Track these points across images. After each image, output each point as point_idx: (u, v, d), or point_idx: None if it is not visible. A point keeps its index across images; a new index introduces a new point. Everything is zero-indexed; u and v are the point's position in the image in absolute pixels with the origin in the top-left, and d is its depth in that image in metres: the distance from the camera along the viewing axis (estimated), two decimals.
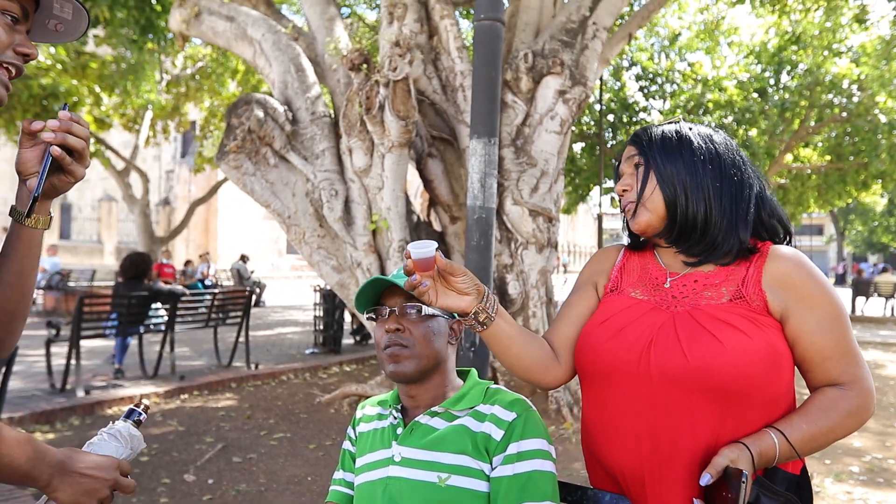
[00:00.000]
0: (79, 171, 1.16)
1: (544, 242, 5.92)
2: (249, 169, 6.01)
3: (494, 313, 1.31)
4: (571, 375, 1.46)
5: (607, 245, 1.60)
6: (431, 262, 1.23)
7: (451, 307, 1.29)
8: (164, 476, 4.34)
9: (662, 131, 1.38)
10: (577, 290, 1.52)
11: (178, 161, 31.90)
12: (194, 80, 14.56)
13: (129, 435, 1.20)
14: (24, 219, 1.16)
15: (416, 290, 1.24)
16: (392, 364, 1.45)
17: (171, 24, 7.48)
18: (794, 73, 14.29)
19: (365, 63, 5.66)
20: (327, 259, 6.18)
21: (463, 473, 1.36)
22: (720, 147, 1.35)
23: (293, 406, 6.35)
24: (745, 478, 1.11)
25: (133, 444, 1.20)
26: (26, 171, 1.15)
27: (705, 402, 1.22)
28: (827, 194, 16.34)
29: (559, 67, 5.84)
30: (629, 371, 1.28)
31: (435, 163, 6.52)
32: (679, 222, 1.33)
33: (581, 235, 48.98)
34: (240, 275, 17.44)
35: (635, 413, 1.27)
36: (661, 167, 1.33)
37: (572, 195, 16.27)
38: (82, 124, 1.14)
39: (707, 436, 1.22)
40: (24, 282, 1.20)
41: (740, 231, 1.31)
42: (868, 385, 1.26)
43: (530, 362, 1.39)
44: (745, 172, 1.35)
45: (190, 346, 9.66)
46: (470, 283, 1.28)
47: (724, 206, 1.31)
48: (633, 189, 1.37)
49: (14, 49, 1.10)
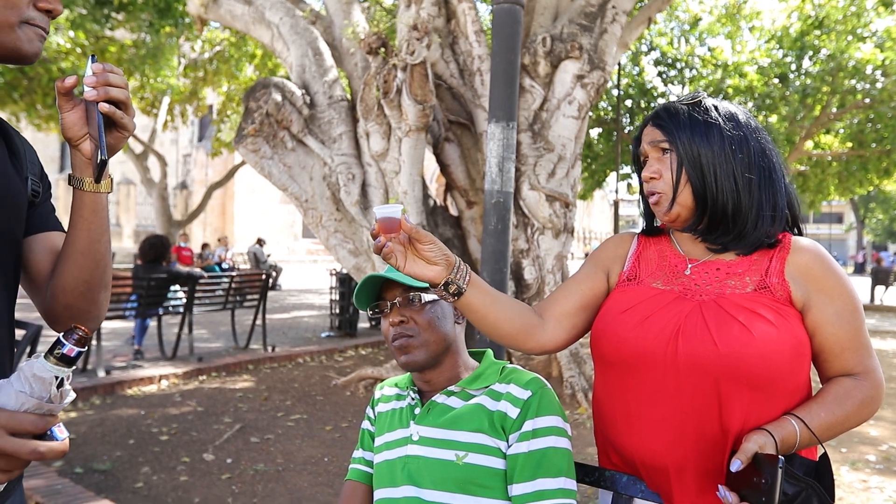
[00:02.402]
0: (130, 124, 1.09)
1: (561, 228, 5.91)
2: (267, 153, 6.04)
3: (466, 284, 1.29)
4: (559, 344, 1.43)
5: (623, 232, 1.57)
6: (396, 223, 1.21)
7: (418, 275, 1.26)
8: (183, 455, 4.41)
9: (689, 114, 1.33)
10: (586, 269, 1.49)
11: (195, 145, 32.11)
12: (212, 65, 14.61)
13: (32, 375, 0.86)
14: (90, 185, 1.10)
15: (381, 252, 1.23)
16: (403, 355, 1.47)
17: (189, 7, 7.50)
18: (816, 59, 14.06)
19: (383, 47, 5.65)
20: (344, 243, 6.21)
21: (480, 451, 1.37)
22: (747, 131, 1.32)
23: (309, 388, 6.41)
24: (782, 464, 1.11)
25: (38, 388, 0.86)
26: (75, 135, 1.08)
27: (734, 391, 1.22)
28: (848, 182, 16.13)
29: (577, 52, 5.80)
30: (655, 360, 1.27)
31: (452, 147, 6.51)
32: (709, 214, 1.30)
33: (597, 221, 48.77)
34: (256, 258, 17.56)
35: (661, 402, 1.26)
36: (691, 156, 1.29)
37: (589, 181, 16.19)
38: (117, 73, 1.06)
39: (734, 424, 1.22)
40: (95, 248, 1.13)
41: (770, 221, 1.30)
42: (879, 376, 1.29)
43: (508, 330, 1.36)
44: (772, 155, 1.33)
45: (208, 329, 9.76)
46: (438, 252, 1.25)
47: (752, 195, 1.29)
48: (661, 177, 1.33)
49: (35, 5, 1.05)
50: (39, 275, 1.18)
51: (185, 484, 3.92)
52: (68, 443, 0.92)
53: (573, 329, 1.43)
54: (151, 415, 5.33)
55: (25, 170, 1.16)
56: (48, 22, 1.09)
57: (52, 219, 1.23)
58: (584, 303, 1.44)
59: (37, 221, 1.19)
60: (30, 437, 0.86)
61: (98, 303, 1.18)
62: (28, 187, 1.16)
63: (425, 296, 1.47)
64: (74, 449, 4.45)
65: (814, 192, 16.60)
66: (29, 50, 1.06)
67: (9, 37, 1.04)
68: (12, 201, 1.10)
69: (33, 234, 1.18)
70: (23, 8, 1.04)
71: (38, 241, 1.18)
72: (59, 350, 0.86)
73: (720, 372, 1.21)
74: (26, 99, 11.87)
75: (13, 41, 1.04)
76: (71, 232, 1.14)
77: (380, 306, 1.51)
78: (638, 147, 1.40)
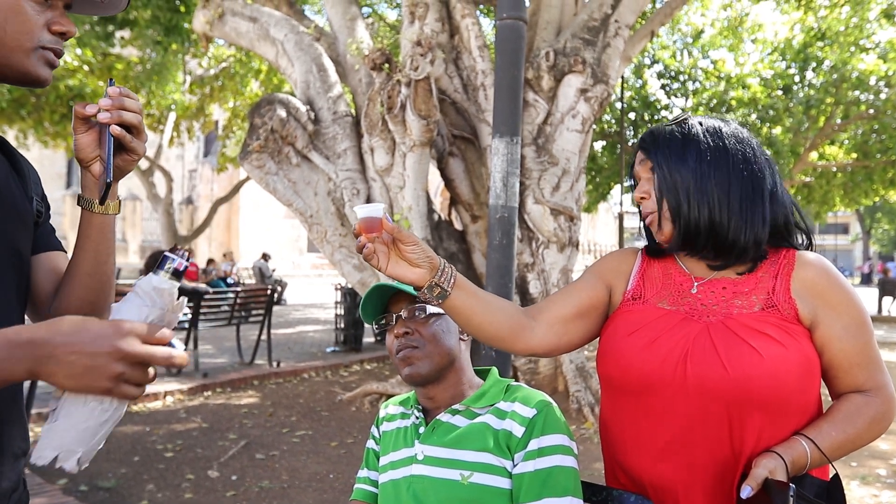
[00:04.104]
0: (140, 148, 1.11)
1: (565, 241, 5.91)
2: (272, 168, 6.06)
3: (451, 287, 1.26)
4: (547, 348, 1.39)
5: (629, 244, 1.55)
6: (378, 223, 1.20)
7: (401, 277, 1.24)
8: (188, 472, 4.39)
9: (667, 134, 1.33)
10: (586, 278, 1.47)
11: (200, 160, 32.29)
12: (218, 81, 14.71)
13: (152, 289, 0.92)
14: (95, 206, 1.12)
15: (363, 252, 1.22)
16: (406, 367, 1.46)
17: (195, 25, 7.56)
18: (819, 70, 14.08)
19: (386, 62, 5.68)
20: (349, 258, 6.22)
21: (485, 471, 1.36)
22: (729, 141, 1.30)
23: (314, 404, 6.39)
24: (794, 492, 1.09)
25: (160, 299, 0.92)
26: (86, 157, 1.11)
27: (744, 413, 1.20)
28: (853, 192, 16.09)
29: (581, 66, 5.82)
30: (664, 383, 1.25)
31: (456, 161, 6.52)
32: (682, 230, 1.30)
33: (602, 234, 48.71)
34: (261, 273, 17.59)
35: (670, 425, 1.25)
36: (665, 175, 1.30)
37: (593, 194, 16.20)
38: (133, 98, 1.08)
39: (745, 446, 1.21)
40: (102, 270, 1.15)
41: (756, 228, 1.27)
42: (891, 391, 1.27)
43: (495, 331, 1.33)
44: (756, 166, 1.30)
45: (213, 344, 9.76)
46: (421, 254, 1.23)
47: (732, 205, 1.27)
48: (650, 197, 1.34)
49: (49, 28, 1.07)
50: (41, 295, 1.18)
51: (189, 501, 3.91)
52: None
53: (565, 335, 1.40)
54: (156, 431, 5.32)
55: (30, 190, 1.17)
56: (61, 44, 1.10)
57: (52, 239, 1.24)
58: (580, 310, 1.41)
59: (39, 241, 1.19)
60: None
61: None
62: (33, 208, 1.16)
63: (430, 308, 1.47)
64: None
65: (819, 203, 16.56)
66: (42, 74, 1.08)
67: (24, 61, 1.05)
68: (23, 221, 1.11)
69: (35, 253, 1.18)
70: (37, 32, 1.06)
71: (40, 261, 1.19)
72: (171, 265, 0.93)
73: (730, 395, 1.20)
74: (34, 116, 11.96)
75: (29, 66, 1.06)
76: (77, 253, 1.15)
77: (385, 319, 1.52)
78: (632, 169, 1.42)
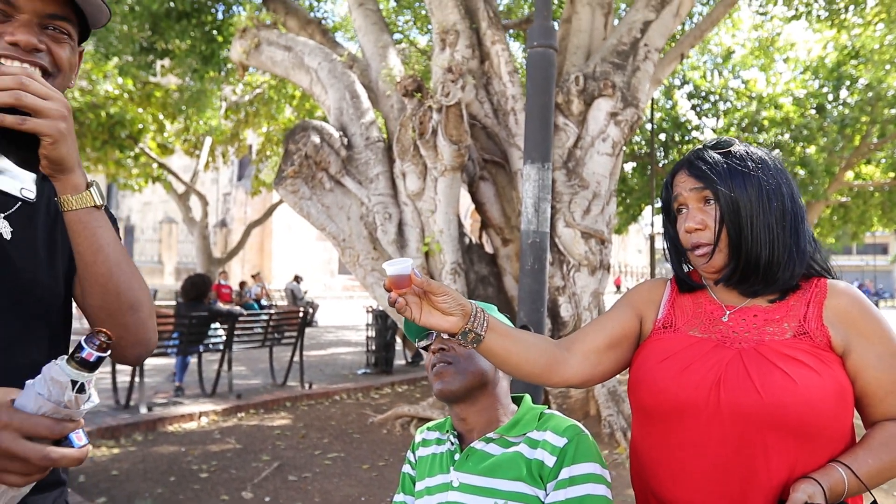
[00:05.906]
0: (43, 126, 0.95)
1: (597, 264, 5.90)
2: (306, 193, 6.18)
3: (484, 331, 1.28)
4: (583, 379, 1.42)
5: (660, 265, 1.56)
6: (406, 280, 1.22)
7: (435, 326, 1.26)
8: (222, 493, 4.46)
9: (727, 163, 1.32)
10: (618, 308, 1.49)
11: (234, 184, 32.87)
12: (252, 107, 15.04)
13: (49, 378, 0.84)
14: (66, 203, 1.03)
15: (395, 306, 1.24)
16: (438, 381, 1.50)
17: (232, 54, 7.78)
18: (853, 89, 13.91)
19: (418, 89, 5.78)
20: (381, 281, 6.28)
21: (519, 500, 1.38)
22: (780, 178, 1.32)
23: (346, 426, 6.43)
24: None
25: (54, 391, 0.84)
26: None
27: (779, 440, 1.20)
28: (891, 212, 15.80)
29: (610, 89, 5.85)
30: (697, 409, 1.26)
31: (487, 185, 6.58)
32: (741, 263, 1.30)
33: (632, 255, 48.27)
34: (293, 295, 17.77)
35: (705, 452, 1.25)
36: (731, 207, 1.29)
37: (623, 215, 16.12)
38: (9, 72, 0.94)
39: (781, 473, 1.21)
40: (91, 272, 1.06)
41: (803, 262, 1.31)
42: None
43: (531, 368, 1.35)
44: (799, 204, 1.33)
45: (246, 365, 9.89)
46: (452, 302, 1.25)
47: (786, 240, 1.29)
48: (707, 228, 1.32)
49: (5, 39, 1.02)
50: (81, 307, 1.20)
51: None
52: (87, 450, 0.89)
53: (599, 365, 1.42)
54: (192, 452, 5.40)
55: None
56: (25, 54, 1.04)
57: None
58: (612, 340, 1.43)
59: None
60: (46, 441, 0.84)
61: (129, 328, 1.11)
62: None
63: None
64: (117, 486, 4.54)
65: (856, 223, 16.28)
66: None
67: None
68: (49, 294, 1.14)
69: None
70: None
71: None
72: (79, 354, 0.84)
73: (764, 421, 1.20)
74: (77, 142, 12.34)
75: None
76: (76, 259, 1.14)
77: (427, 336, 1.58)
78: (670, 193, 1.38)
